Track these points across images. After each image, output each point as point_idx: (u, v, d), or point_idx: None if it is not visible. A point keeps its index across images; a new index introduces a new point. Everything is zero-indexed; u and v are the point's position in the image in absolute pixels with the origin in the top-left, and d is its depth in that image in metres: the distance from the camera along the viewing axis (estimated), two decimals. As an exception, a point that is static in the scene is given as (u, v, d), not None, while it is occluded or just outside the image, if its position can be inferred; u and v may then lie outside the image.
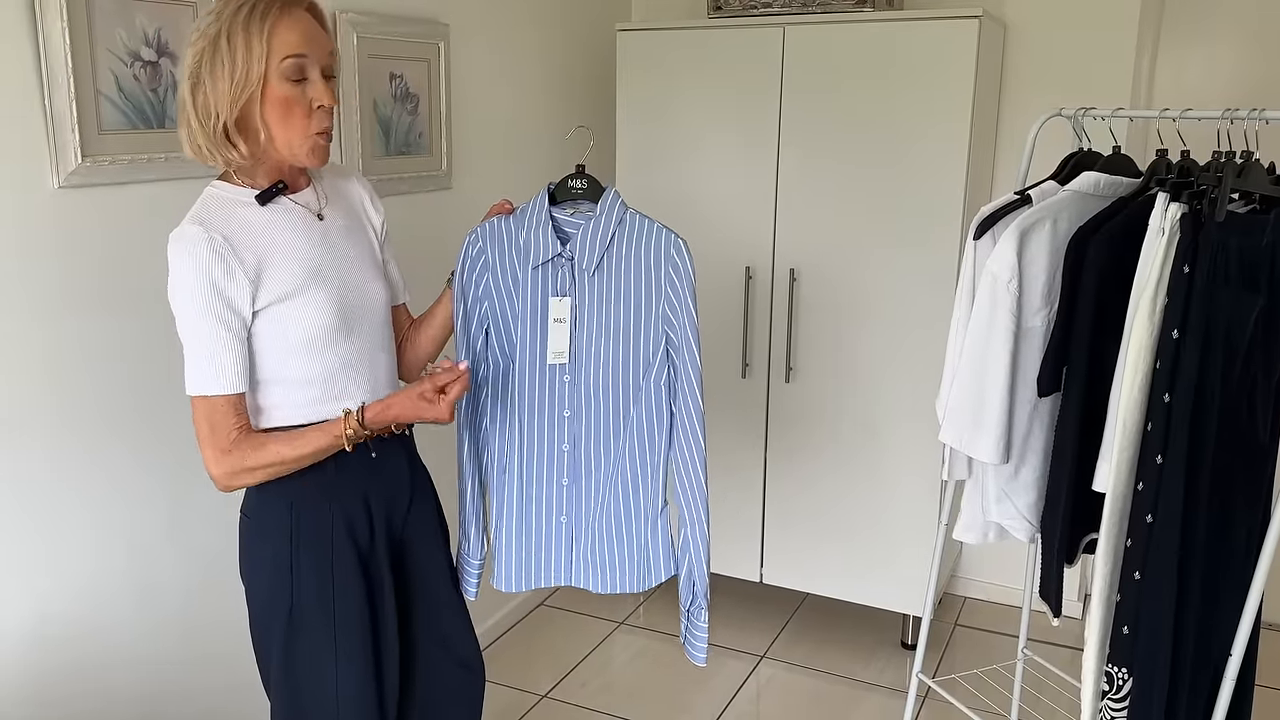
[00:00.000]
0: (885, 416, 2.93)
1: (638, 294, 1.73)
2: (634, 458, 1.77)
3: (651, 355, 1.75)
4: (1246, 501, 1.60)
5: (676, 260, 1.71)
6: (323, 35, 1.52)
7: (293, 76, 1.48)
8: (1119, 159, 1.90)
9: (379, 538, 1.67)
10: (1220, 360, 1.52)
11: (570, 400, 1.79)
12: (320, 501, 1.60)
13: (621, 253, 1.73)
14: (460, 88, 2.76)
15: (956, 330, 1.92)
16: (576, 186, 1.78)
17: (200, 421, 1.51)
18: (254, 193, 1.54)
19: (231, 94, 1.46)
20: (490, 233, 1.79)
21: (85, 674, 1.93)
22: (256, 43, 1.45)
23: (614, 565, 1.83)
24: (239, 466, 1.51)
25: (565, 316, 1.76)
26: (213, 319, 1.47)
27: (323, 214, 1.63)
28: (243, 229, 1.51)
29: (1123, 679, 1.64)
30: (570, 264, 1.74)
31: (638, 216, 1.74)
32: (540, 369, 1.79)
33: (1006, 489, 1.93)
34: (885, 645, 3.16)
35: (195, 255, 1.45)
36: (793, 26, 2.83)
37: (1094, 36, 2.96)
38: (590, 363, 1.76)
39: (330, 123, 1.55)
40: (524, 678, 2.97)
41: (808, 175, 2.89)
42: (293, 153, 1.52)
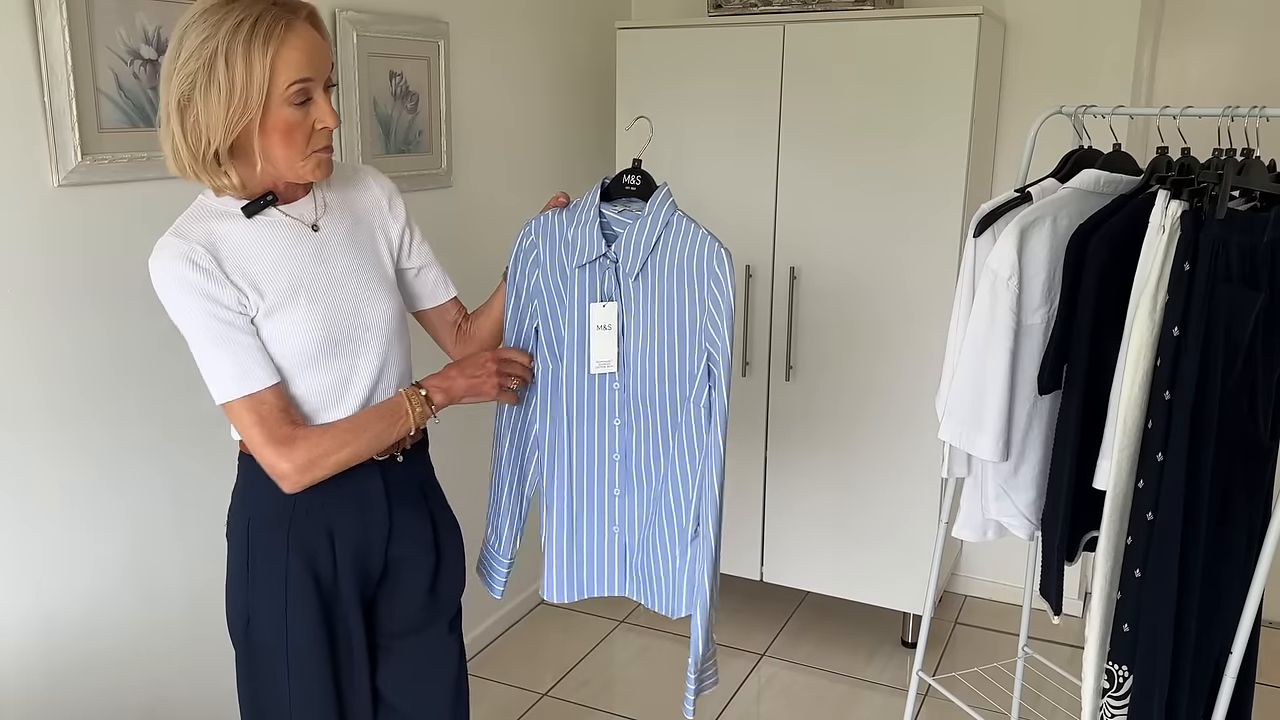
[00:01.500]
0: (886, 414, 2.93)
1: (681, 305, 1.62)
2: (677, 477, 1.68)
3: (695, 370, 1.63)
4: (1247, 499, 1.60)
5: (719, 273, 1.58)
6: (325, 48, 1.42)
7: (297, 100, 1.38)
8: (1119, 157, 1.90)
9: (343, 572, 1.55)
10: (1221, 358, 1.52)
11: (621, 409, 1.70)
12: (274, 526, 1.52)
13: (667, 257, 1.62)
14: (460, 86, 2.76)
15: (956, 328, 1.92)
16: (630, 183, 1.66)
17: (247, 426, 1.43)
18: (240, 204, 1.46)
19: (227, 121, 1.35)
20: (543, 227, 1.69)
21: (90, 673, 1.93)
22: (258, 67, 1.33)
23: (657, 582, 1.74)
24: (308, 458, 1.43)
25: (610, 323, 1.66)
26: (216, 324, 1.41)
27: (318, 225, 1.53)
28: (223, 243, 1.43)
29: (1123, 677, 1.64)
30: (615, 267, 1.64)
31: (684, 220, 1.61)
32: (589, 377, 1.70)
33: (1006, 487, 1.93)
34: (886, 643, 3.16)
35: (175, 269, 1.38)
36: (792, 25, 2.82)
37: (1094, 34, 2.96)
38: (640, 371, 1.66)
39: (331, 137, 1.48)
40: (524, 676, 2.96)
41: (808, 173, 2.89)
42: (296, 172, 1.44)
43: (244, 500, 1.54)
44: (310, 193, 1.54)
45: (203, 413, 2.07)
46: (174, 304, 1.41)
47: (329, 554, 1.54)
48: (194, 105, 1.35)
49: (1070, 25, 2.99)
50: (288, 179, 1.46)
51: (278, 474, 1.43)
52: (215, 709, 2.19)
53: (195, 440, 2.08)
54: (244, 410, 1.42)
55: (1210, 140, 1.76)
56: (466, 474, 2.72)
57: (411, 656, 1.66)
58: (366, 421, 1.49)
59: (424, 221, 2.66)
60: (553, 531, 1.78)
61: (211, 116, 1.35)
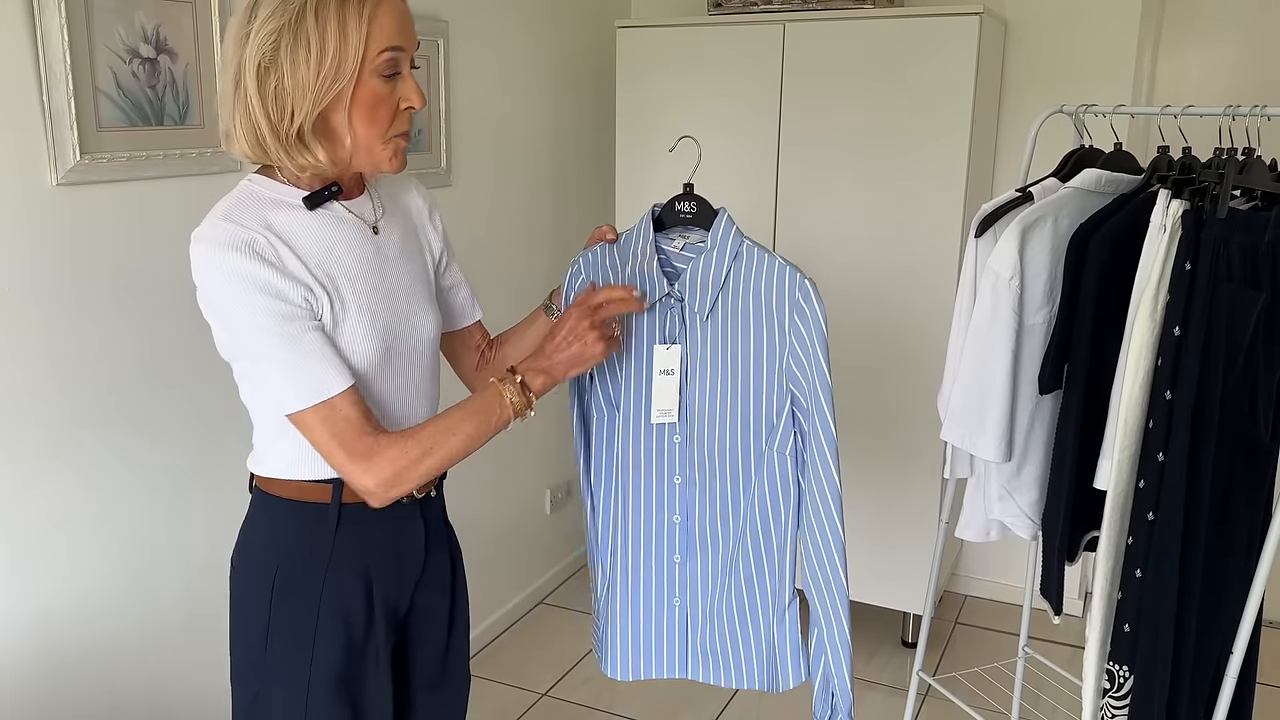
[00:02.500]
0: (886, 415, 2.93)
1: (758, 343, 1.47)
2: (757, 537, 1.52)
3: (775, 417, 1.48)
4: (1248, 499, 1.59)
5: (804, 306, 1.44)
6: (411, 19, 1.29)
7: (386, 72, 1.24)
8: (1120, 156, 1.89)
9: (379, 621, 1.39)
10: (1222, 358, 1.52)
11: (683, 464, 1.54)
12: (307, 571, 1.35)
13: (739, 292, 1.47)
14: (459, 85, 2.76)
15: (958, 328, 1.91)
16: (685, 211, 1.51)
17: (322, 440, 1.26)
18: (300, 193, 1.30)
19: (317, 88, 1.20)
20: (594, 264, 1.54)
21: (88, 674, 1.93)
22: (354, 28, 1.20)
23: (739, 658, 1.58)
24: (393, 470, 1.27)
25: (674, 368, 1.49)
26: (283, 324, 1.23)
27: (378, 227, 1.38)
28: (285, 233, 1.26)
29: (1124, 677, 1.63)
30: (681, 306, 1.49)
31: (755, 249, 1.47)
32: (648, 428, 1.54)
33: (1009, 487, 1.92)
34: (886, 643, 3.15)
35: (232, 260, 1.21)
36: (793, 24, 2.82)
37: (1095, 33, 2.96)
38: (705, 421, 1.51)
39: (412, 123, 1.34)
40: (524, 676, 2.96)
41: (808, 173, 2.88)
42: (373, 159, 1.29)
43: (270, 541, 1.36)
44: (366, 190, 1.40)
45: (203, 413, 2.07)
46: (229, 300, 1.23)
47: (364, 604, 1.38)
48: (277, 70, 1.20)
49: (1071, 24, 2.98)
50: (361, 166, 1.31)
51: (362, 490, 1.28)
52: (214, 709, 2.19)
53: (194, 441, 2.08)
54: (317, 422, 1.25)
55: (1211, 140, 1.76)
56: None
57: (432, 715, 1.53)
58: (456, 421, 1.32)
59: (424, 221, 2.67)
60: (609, 601, 1.61)
61: (299, 82, 1.20)
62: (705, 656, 1.60)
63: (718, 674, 1.60)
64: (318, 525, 1.35)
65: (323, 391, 1.24)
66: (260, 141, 1.24)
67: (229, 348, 1.29)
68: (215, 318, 1.26)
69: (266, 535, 1.38)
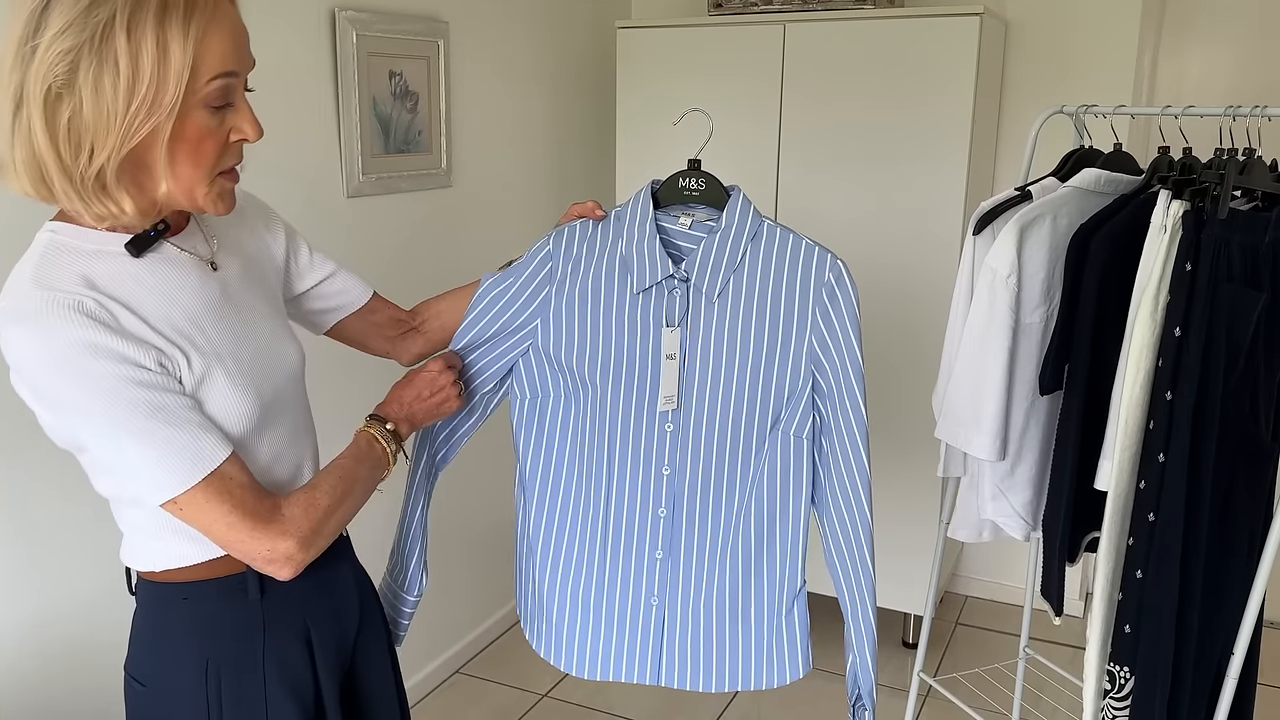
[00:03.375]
0: (886, 414, 2.92)
1: (774, 326, 1.39)
2: (757, 526, 1.45)
3: (785, 402, 1.41)
4: (1249, 499, 1.59)
5: (835, 289, 1.37)
6: (246, 35, 1.07)
7: (216, 103, 1.03)
8: (1120, 156, 1.89)
9: (326, 682, 1.26)
10: (1222, 358, 1.52)
11: (672, 455, 1.45)
12: (244, 653, 1.19)
13: (756, 274, 1.39)
14: (460, 86, 2.76)
15: (954, 326, 1.91)
16: (691, 188, 1.42)
17: (215, 517, 1.08)
18: (118, 237, 1.07)
19: (126, 123, 0.98)
20: (569, 238, 1.45)
21: (85, 676, 1.92)
22: (178, 49, 0.97)
23: (725, 658, 1.50)
24: (309, 526, 1.13)
25: (675, 351, 1.42)
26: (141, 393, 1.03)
27: (216, 262, 1.18)
28: (113, 290, 1.05)
29: (1125, 678, 1.63)
30: (685, 287, 1.41)
31: (778, 230, 1.40)
32: (636, 415, 1.45)
33: (1002, 487, 1.92)
34: (887, 644, 3.15)
35: (61, 332, 0.99)
36: (793, 24, 2.82)
37: (1095, 34, 2.96)
38: (700, 409, 1.43)
39: (242, 157, 1.12)
40: (524, 677, 2.96)
41: (808, 172, 2.88)
42: (194, 203, 1.07)
43: (190, 634, 1.18)
44: (191, 221, 1.18)
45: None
46: (63, 380, 1.01)
47: (308, 667, 1.24)
48: (73, 97, 0.97)
49: (1071, 25, 2.98)
50: (178, 207, 1.10)
51: (278, 557, 1.11)
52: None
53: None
54: (208, 499, 1.07)
55: (1212, 140, 1.76)
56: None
57: None
58: (348, 468, 1.20)
59: (424, 221, 2.67)
60: (569, 592, 1.52)
61: (102, 115, 0.97)
62: (684, 659, 1.51)
63: (696, 678, 1.51)
64: (241, 599, 1.19)
65: (207, 462, 1.06)
66: (46, 180, 1.01)
67: (65, 436, 1.08)
68: (44, 405, 1.04)
69: (183, 629, 1.18)
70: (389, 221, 2.56)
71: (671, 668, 1.52)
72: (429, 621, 2.85)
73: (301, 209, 2.27)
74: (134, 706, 1.23)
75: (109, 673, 1.97)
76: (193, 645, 1.18)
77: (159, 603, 1.20)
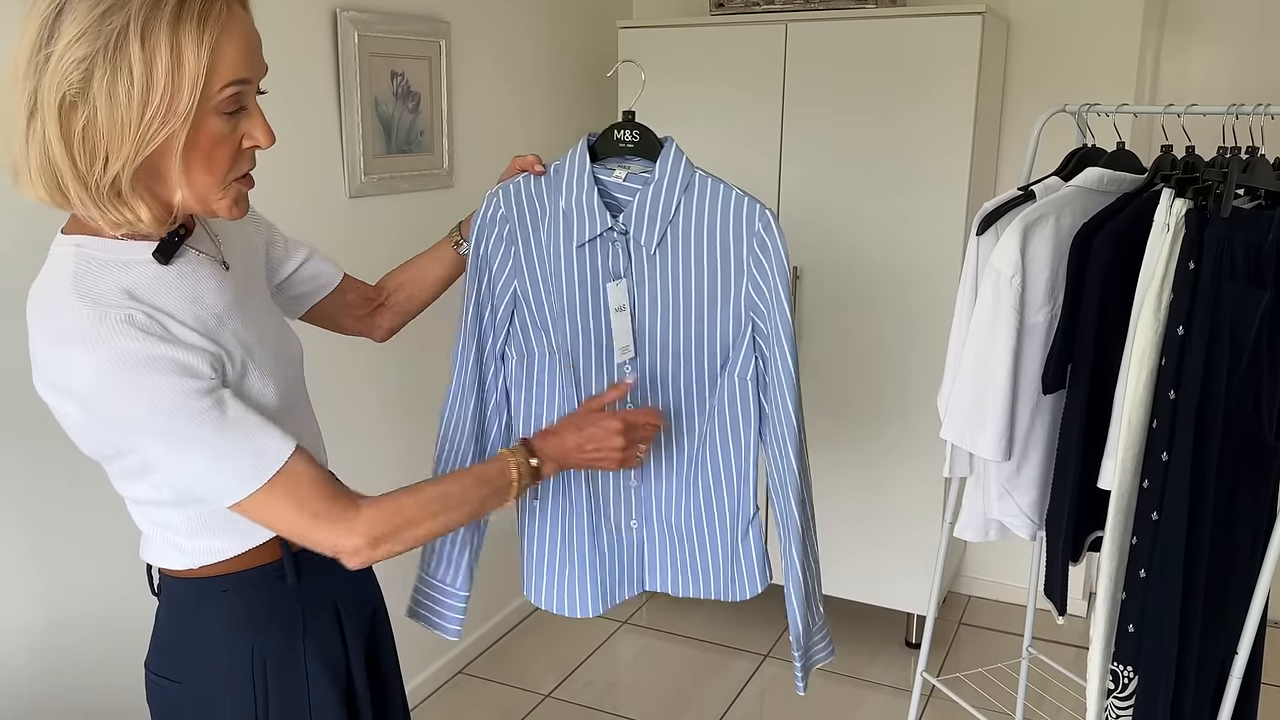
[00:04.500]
0: (889, 414, 2.92)
1: (711, 276, 1.44)
2: (713, 460, 1.55)
3: (732, 346, 1.46)
4: (1252, 498, 1.59)
5: (764, 236, 1.41)
6: (259, 41, 1.07)
7: (229, 109, 1.03)
8: (1123, 155, 1.89)
9: (354, 660, 1.28)
10: (1226, 357, 1.51)
11: (633, 400, 1.53)
12: (288, 634, 1.20)
13: (691, 224, 1.42)
14: (461, 86, 2.76)
15: (959, 326, 1.91)
16: (626, 140, 1.43)
17: (283, 512, 1.09)
18: (141, 245, 1.08)
19: (141, 131, 0.97)
20: (515, 196, 1.47)
21: (93, 673, 1.93)
22: (191, 56, 0.97)
23: (696, 568, 1.61)
24: (384, 528, 1.13)
25: (624, 303, 1.46)
26: (202, 401, 1.03)
27: (226, 260, 1.19)
28: (151, 295, 1.06)
29: (1128, 677, 1.63)
30: (625, 239, 1.44)
31: (709, 179, 1.42)
32: (595, 364, 1.51)
33: (1008, 486, 1.92)
34: (889, 644, 3.15)
35: (110, 343, 0.99)
36: (795, 23, 2.82)
37: (1098, 32, 2.95)
38: (655, 356, 1.50)
39: (255, 163, 1.12)
40: (527, 677, 2.96)
41: (810, 172, 2.88)
42: (207, 208, 1.07)
43: (230, 626, 1.18)
44: (196, 222, 1.19)
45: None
46: (121, 395, 1.01)
47: (340, 645, 1.27)
48: (88, 105, 0.96)
49: (1074, 24, 2.98)
50: (192, 213, 1.11)
51: (344, 550, 1.12)
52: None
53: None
54: (277, 498, 1.08)
55: (1214, 139, 1.75)
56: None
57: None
58: (462, 487, 1.20)
59: (425, 222, 2.67)
60: (563, 542, 1.60)
61: (118, 123, 0.97)
62: (663, 567, 1.62)
63: (676, 582, 1.62)
64: (279, 585, 1.21)
65: (273, 462, 1.07)
66: (61, 188, 1.00)
67: (106, 447, 1.09)
68: (95, 420, 1.05)
69: (225, 622, 1.19)
70: (391, 222, 2.56)
71: (653, 574, 1.63)
72: (432, 622, 2.85)
73: (303, 209, 2.27)
74: (166, 706, 1.23)
75: (115, 671, 1.97)
76: (235, 637, 1.19)
77: (195, 599, 1.20)
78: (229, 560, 1.18)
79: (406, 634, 1.52)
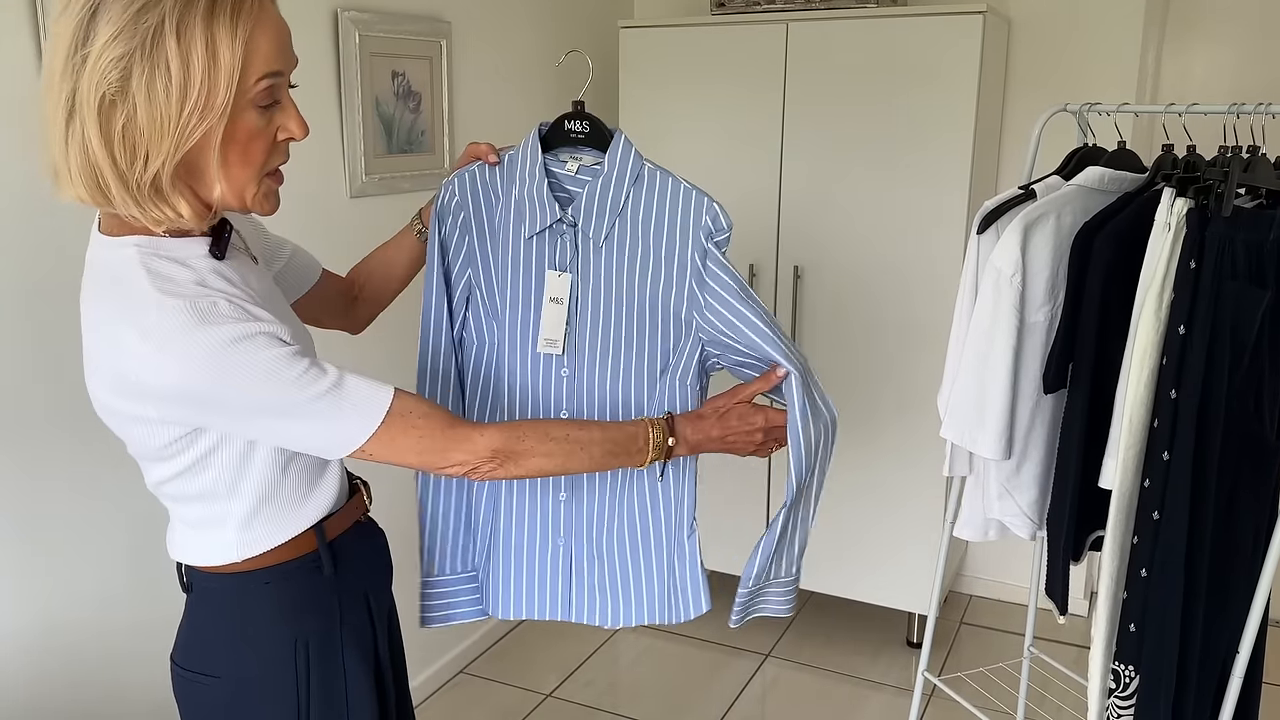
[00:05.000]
0: (890, 413, 2.92)
1: (656, 271, 1.40)
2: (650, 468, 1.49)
3: (673, 346, 1.43)
4: (1254, 498, 1.59)
5: (712, 228, 1.39)
6: (289, 33, 1.09)
7: (264, 102, 1.05)
8: (1124, 154, 1.89)
9: (381, 645, 1.32)
10: (1227, 356, 1.51)
11: (569, 398, 1.47)
12: (327, 623, 1.23)
13: (639, 217, 1.40)
14: (462, 86, 2.76)
15: (959, 325, 1.91)
16: (576, 130, 1.42)
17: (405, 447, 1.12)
18: (196, 241, 1.10)
19: (180, 127, 0.99)
20: (470, 185, 1.45)
21: (92, 674, 1.93)
22: (226, 50, 0.98)
23: (630, 594, 1.54)
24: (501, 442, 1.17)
25: (564, 296, 1.42)
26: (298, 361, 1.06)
27: (254, 254, 1.24)
28: (218, 286, 1.07)
29: (1129, 677, 1.63)
30: (574, 232, 1.41)
31: (658, 172, 1.41)
32: (534, 359, 1.47)
33: (1008, 486, 1.92)
34: (890, 644, 3.15)
35: (208, 333, 1.01)
36: (796, 23, 2.82)
37: (1099, 32, 2.95)
38: (594, 354, 1.45)
39: (288, 156, 1.14)
40: (528, 677, 2.96)
41: (812, 171, 2.88)
42: (243, 202, 1.08)
43: (274, 618, 1.20)
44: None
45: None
46: (233, 380, 1.03)
47: (370, 631, 1.29)
48: (127, 104, 0.97)
49: (1075, 23, 2.98)
50: (229, 209, 1.11)
51: (477, 459, 1.17)
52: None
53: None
54: (394, 436, 1.11)
55: (1216, 138, 1.75)
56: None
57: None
58: (591, 439, 1.23)
59: (427, 221, 2.67)
60: (490, 542, 1.56)
61: (156, 120, 0.98)
62: (592, 596, 1.54)
63: (604, 614, 1.54)
64: (318, 574, 1.22)
65: (378, 407, 1.10)
66: (102, 187, 1.01)
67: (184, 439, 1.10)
68: (211, 412, 1.06)
69: (269, 614, 1.20)
70: (392, 222, 2.54)
71: (581, 604, 1.56)
72: (433, 621, 2.85)
73: (304, 209, 2.27)
74: (203, 701, 1.23)
75: (115, 672, 1.97)
76: (279, 628, 1.20)
77: (234, 592, 1.20)
78: (270, 552, 1.19)
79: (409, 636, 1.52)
